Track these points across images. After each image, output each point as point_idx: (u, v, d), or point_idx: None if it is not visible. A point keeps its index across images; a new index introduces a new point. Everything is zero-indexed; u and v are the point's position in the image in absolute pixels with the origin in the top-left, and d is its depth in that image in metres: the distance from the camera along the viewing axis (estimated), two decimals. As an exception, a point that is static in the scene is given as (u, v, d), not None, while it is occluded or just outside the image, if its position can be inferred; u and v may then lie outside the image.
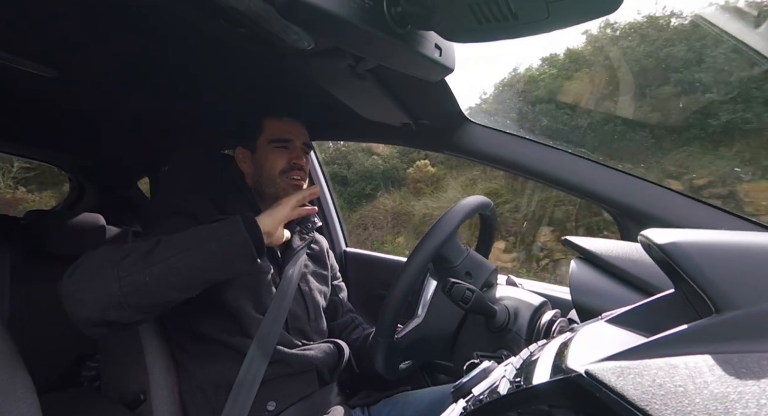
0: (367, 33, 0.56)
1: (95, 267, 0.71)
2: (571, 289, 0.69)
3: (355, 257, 1.61)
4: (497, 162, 1.05)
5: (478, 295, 0.67)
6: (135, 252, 0.72)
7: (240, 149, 1.04)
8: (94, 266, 0.71)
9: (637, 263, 0.66)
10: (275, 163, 0.99)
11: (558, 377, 0.37)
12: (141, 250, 0.73)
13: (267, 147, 1.01)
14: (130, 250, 0.73)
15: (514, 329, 0.71)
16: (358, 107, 1.09)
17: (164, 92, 1.24)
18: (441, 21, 0.56)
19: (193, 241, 0.75)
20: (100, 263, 0.72)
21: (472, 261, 0.81)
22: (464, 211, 0.77)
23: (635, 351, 0.32)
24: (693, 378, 0.27)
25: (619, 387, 0.29)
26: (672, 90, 6.26)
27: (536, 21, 0.49)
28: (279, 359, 0.90)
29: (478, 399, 0.45)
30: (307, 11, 0.51)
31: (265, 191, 1.01)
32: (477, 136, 1.06)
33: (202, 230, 0.77)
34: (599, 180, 0.94)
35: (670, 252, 0.36)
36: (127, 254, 0.72)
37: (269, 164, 1.00)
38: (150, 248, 0.73)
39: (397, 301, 0.70)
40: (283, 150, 1.00)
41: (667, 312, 0.40)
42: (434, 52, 0.65)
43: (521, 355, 0.48)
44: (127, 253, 0.72)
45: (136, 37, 0.91)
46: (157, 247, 0.73)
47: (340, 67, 0.83)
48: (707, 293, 0.33)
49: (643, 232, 0.41)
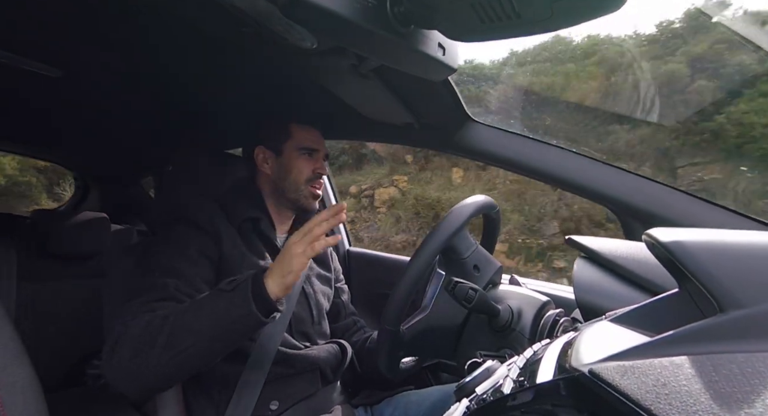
0: (370, 32, 0.56)
1: (132, 355, 0.72)
2: (575, 288, 0.68)
3: (358, 256, 1.61)
4: (501, 161, 1.05)
5: (482, 294, 0.67)
6: (163, 331, 0.72)
7: (262, 149, 1.04)
8: (130, 353, 0.72)
9: (641, 262, 0.66)
10: (302, 171, 1.01)
11: (562, 376, 0.37)
12: (166, 331, 0.72)
13: (294, 153, 1.01)
14: (158, 334, 0.72)
15: (518, 328, 0.71)
16: (361, 107, 1.09)
17: (168, 91, 1.24)
18: (444, 20, 0.56)
19: (206, 329, 0.73)
20: (136, 349, 0.72)
21: (481, 255, 0.81)
22: (476, 205, 0.77)
23: (639, 351, 0.32)
24: (698, 378, 0.27)
25: (623, 387, 0.29)
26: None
27: (539, 20, 0.49)
28: (282, 359, 0.90)
29: (481, 398, 0.45)
30: (310, 11, 0.51)
31: (285, 195, 1.02)
32: (480, 135, 1.06)
33: (212, 313, 0.73)
34: (603, 179, 0.94)
35: (675, 252, 0.36)
36: (158, 334, 0.72)
37: (296, 171, 1.01)
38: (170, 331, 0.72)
39: (406, 290, 0.69)
40: (309, 158, 1.02)
41: (671, 312, 0.40)
42: (437, 51, 0.65)
43: (525, 355, 0.48)
44: (158, 333, 0.72)
45: (140, 37, 0.91)
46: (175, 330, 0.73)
47: (343, 67, 0.83)
48: (712, 292, 0.33)
49: (648, 231, 0.40)
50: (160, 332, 0.72)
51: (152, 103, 1.35)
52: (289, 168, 1.01)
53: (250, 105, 1.26)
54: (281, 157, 1.02)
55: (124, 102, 1.34)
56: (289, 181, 1.01)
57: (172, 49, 0.96)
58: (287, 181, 1.01)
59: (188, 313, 0.73)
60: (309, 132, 1.04)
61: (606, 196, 0.93)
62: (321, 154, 1.04)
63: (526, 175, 1.03)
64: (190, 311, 0.74)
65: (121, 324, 0.75)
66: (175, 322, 0.72)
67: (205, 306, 0.74)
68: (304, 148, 1.02)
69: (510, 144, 1.03)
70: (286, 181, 1.01)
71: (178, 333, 0.71)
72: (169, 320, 0.73)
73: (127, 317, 0.76)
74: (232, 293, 0.73)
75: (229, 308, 0.72)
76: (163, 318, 0.73)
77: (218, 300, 0.73)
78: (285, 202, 1.02)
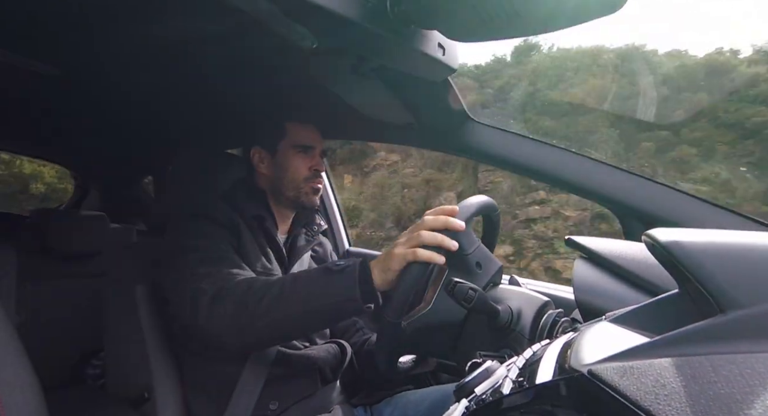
0: (370, 32, 0.56)
1: (235, 310, 0.75)
2: (575, 289, 0.68)
3: (358, 256, 1.61)
4: (501, 162, 1.05)
5: (481, 295, 0.67)
6: (269, 293, 0.75)
7: (258, 149, 1.04)
8: (233, 307, 0.75)
9: (641, 263, 0.66)
10: (299, 169, 1.01)
11: (561, 377, 0.37)
12: (272, 293, 0.75)
13: (290, 151, 1.01)
14: (264, 291, 0.75)
15: (517, 329, 0.71)
16: (361, 106, 1.09)
17: (168, 92, 1.24)
18: (444, 20, 0.56)
19: (309, 301, 0.74)
20: (241, 303, 0.75)
21: (483, 253, 0.81)
22: (480, 203, 0.77)
23: (639, 351, 0.32)
24: (697, 379, 0.27)
25: (622, 387, 0.29)
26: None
27: (540, 21, 0.49)
28: (282, 359, 0.90)
29: (480, 398, 0.45)
30: (311, 11, 0.51)
31: (284, 193, 1.02)
32: (480, 135, 1.06)
33: (317, 288, 0.75)
34: (602, 179, 0.94)
35: (675, 252, 0.36)
36: (263, 295, 0.75)
37: (293, 169, 1.01)
38: (278, 293, 0.75)
39: (409, 284, 0.68)
40: (305, 155, 1.02)
41: (671, 312, 0.40)
42: (437, 51, 0.65)
43: (524, 355, 0.48)
44: (263, 294, 0.75)
45: (139, 37, 0.91)
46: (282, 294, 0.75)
47: (343, 67, 0.83)
48: (712, 293, 0.33)
49: (648, 232, 0.40)
50: (265, 293, 0.74)
51: (152, 103, 1.35)
52: (286, 166, 1.01)
53: (250, 104, 1.26)
54: (277, 156, 1.02)
55: (124, 101, 1.34)
56: (287, 180, 1.01)
57: (172, 49, 0.96)
58: (285, 180, 1.01)
59: (296, 282, 0.75)
60: (305, 129, 1.04)
61: (606, 197, 0.93)
62: (317, 150, 1.04)
63: (526, 175, 1.03)
64: (298, 281, 0.75)
65: (210, 284, 0.78)
66: (283, 286, 0.75)
67: (312, 282, 0.75)
68: (300, 145, 1.01)
69: (510, 144, 1.03)
70: (284, 179, 1.01)
71: (283, 297, 0.73)
72: (275, 284, 0.75)
73: (208, 279, 0.79)
74: (340, 274, 0.73)
75: (334, 289, 0.72)
76: (266, 282, 0.76)
77: (326, 278, 0.74)
78: (284, 200, 1.02)
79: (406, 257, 0.68)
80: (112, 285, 1.03)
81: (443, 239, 0.68)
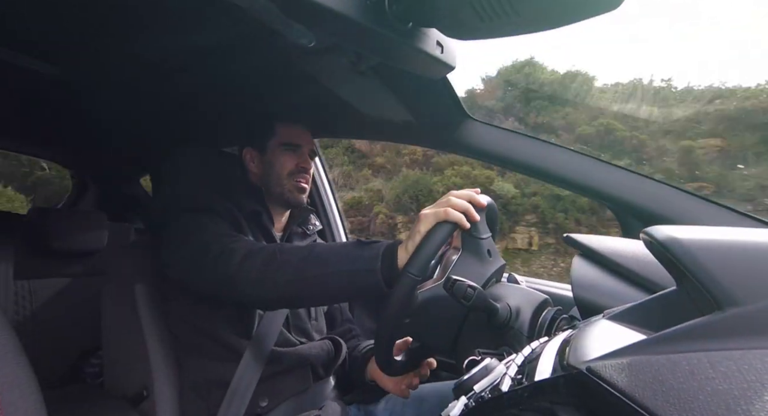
0: (368, 30, 0.56)
1: (265, 258, 0.78)
2: (573, 286, 0.69)
3: None
4: (498, 160, 1.05)
5: (480, 293, 0.67)
6: (298, 254, 0.78)
7: (248, 149, 1.07)
8: (263, 256, 0.79)
9: (639, 260, 0.66)
10: (285, 165, 1.03)
11: (560, 374, 0.37)
12: (301, 254, 0.78)
13: (278, 149, 1.04)
14: (293, 252, 0.78)
15: (516, 326, 0.71)
16: (360, 104, 1.09)
17: (165, 90, 1.24)
18: (443, 18, 0.56)
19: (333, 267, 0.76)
20: (269, 260, 0.78)
21: (493, 245, 0.81)
22: (488, 197, 0.78)
23: (637, 348, 0.32)
24: (695, 375, 0.27)
25: (621, 384, 0.29)
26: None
27: (538, 19, 0.49)
28: (275, 357, 0.91)
29: (479, 396, 0.45)
30: (309, 8, 0.51)
31: (271, 190, 1.03)
32: (478, 133, 1.06)
33: (343, 256, 0.76)
34: (600, 177, 0.94)
35: (672, 249, 0.36)
36: (291, 255, 0.78)
37: (279, 165, 1.03)
38: (306, 254, 0.78)
39: (437, 241, 0.69)
40: (293, 153, 1.04)
41: (669, 309, 0.40)
42: (436, 49, 0.65)
43: (523, 352, 0.48)
44: (291, 254, 0.78)
45: (137, 34, 0.91)
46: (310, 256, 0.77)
47: (341, 64, 0.83)
48: (709, 290, 0.33)
49: (646, 229, 0.41)
50: (294, 254, 0.77)
51: (149, 101, 1.34)
52: (273, 164, 1.04)
53: (247, 103, 1.25)
54: (266, 155, 1.05)
55: (122, 99, 1.33)
56: (273, 176, 1.03)
57: (169, 47, 0.96)
58: (271, 177, 1.03)
59: (325, 247, 0.78)
60: (294, 129, 1.06)
61: (604, 194, 0.93)
62: (305, 149, 1.06)
63: (524, 173, 1.03)
64: (326, 246, 0.79)
65: (240, 245, 0.81)
66: (312, 249, 0.78)
67: (340, 248, 0.77)
68: (287, 143, 1.04)
69: (508, 142, 1.03)
70: (270, 176, 1.03)
71: (311, 258, 0.76)
72: (305, 248, 0.79)
73: (235, 241, 0.83)
74: (367, 246, 0.75)
75: (358, 257, 0.74)
76: (295, 246, 0.82)
77: (353, 248, 0.76)
78: (272, 198, 1.04)
79: (437, 215, 0.70)
80: (111, 283, 1.03)
81: (470, 207, 0.71)
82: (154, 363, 0.94)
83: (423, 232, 0.70)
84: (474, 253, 0.76)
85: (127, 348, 0.98)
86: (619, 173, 0.93)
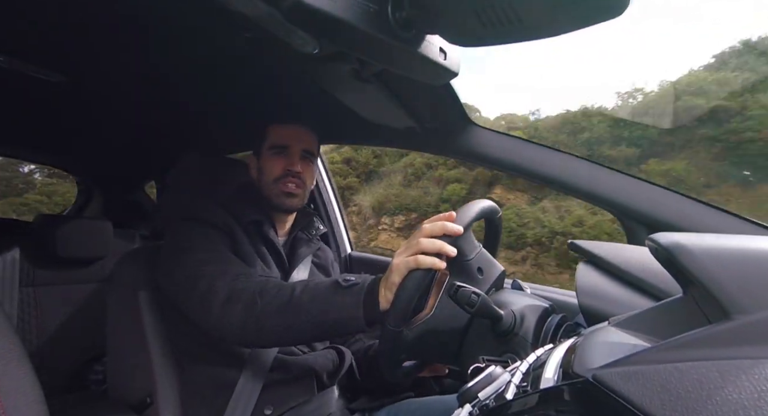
0: (371, 37, 0.56)
1: (246, 303, 0.76)
2: (578, 293, 0.68)
3: (361, 260, 1.61)
4: (502, 165, 1.04)
5: (484, 299, 0.67)
6: (278, 299, 0.76)
7: (251, 156, 1.07)
8: (244, 301, 0.77)
9: (644, 267, 0.65)
10: (272, 170, 1.00)
11: (565, 382, 0.37)
12: (282, 300, 0.76)
13: (267, 153, 1.02)
14: (274, 296, 0.76)
15: (521, 333, 0.70)
16: (363, 111, 1.10)
17: (171, 97, 1.25)
18: (446, 25, 0.56)
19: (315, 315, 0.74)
20: (251, 304, 0.76)
21: (484, 258, 0.80)
22: (479, 209, 0.77)
23: (644, 356, 0.32)
24: (704, 384, 0.27)
25: (627, 393, 0.29)
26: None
27: (541, 25, 0.49)
28: (278, 365, 0.90)
29: (484, 403, 0.45)
30: (312, 15, 0.51)
31: (263, 195, 1.02)
32: (481, 139, 1.06)
33: (325, 303, 0.74)
34: (605, 183, 0.93)
35: (679, 256, 0.36)
36: (272, 300, 0.76)
37: (267, 170, 1.01)
38: (287, 300, 0.76)
39: (410, 291, 0.67)
40: (280, 156, 1.01)
41: (675, 317, 0.39)
42: (439, 55, 0.65)
43: (528, 360, 0.48)
44: (272, 299, 0.76)
45: (143, 43, 0.92)
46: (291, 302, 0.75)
47: (344, 71, 0.83)
48: (717, 297, 0.33)
49: (651, 236, 0.40)
50: (275, 299, 0.75)
51: (155, 108, 1.35)
52: (263, 169, 1.02)
53: (251, 109, 1.26)
54: (260, 160, 1.03)
55: (127, 107, 1.35)
56: (263, 182, 1.02)
57: (175, 55, 0.97)
58: (262, 182, 1.02)
59: (305, 292, 0.75)
60: (284, 129, 1.03)
61: (608, 200, 0.92)
62: (295, 149, 1.02)
63: (528, 178, 1.03)
64: (306, 291, 0.75)
65: (223, 285, 0.79)
66: (292, 294, 0.75)
67: (320, 294, 0.74)
68: (274, 146, 1.01)
69: (512, 148, 1.03)
70: (261, 182, 1.02)
71: (291, 305, 0.74)
72: (285, 291, 0.76)
73: (221, 280, 0.80)
74: (348, 291, 0.73)
75: (339, 305, 0.72)
76: (277, 287, 0.77)
77: (333, 293, 0.74)
78: (269, 204, 1.02)
79: (407, 265, 0.66)
80: (115, 290, 1.03)
81: (442, 245, 0.67)
82: (158, 369, 0.94)
83: (397, 282, 0.67)
84: (461, 276, 0.75)
85: (131, 355, 0.97)
86: (623, 179, 0.93)
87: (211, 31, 0.84)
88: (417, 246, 0.67)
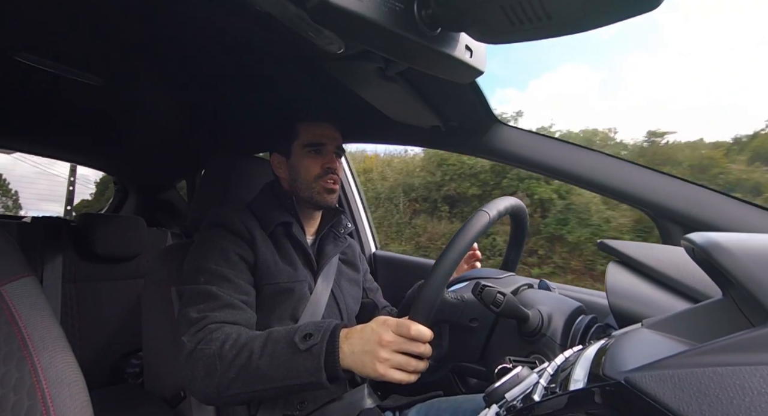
0: (397, 36, 0.56)
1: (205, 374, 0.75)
2: (609, 294, 0.66)
3: (385, 260, 1.62)
4: (529, 164, 1.03)
5: (510, 299, 0.66)
6: (238, 360, 0.74)
7: (275, 155, 1.07)
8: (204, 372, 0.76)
9: (679, 268, 0.63)
10: (310, 169, 1.01)
11: (596, 384, 0.36)
12: (240, 362, 0.74)
13: (301, 152, 1.02)
14: (234, 357, 0.75)
15: (548, 334, 0.69)
16: (387, 109, 1.10)
17: (202, 98, 1.28)
18: (473, 23, 0.56)
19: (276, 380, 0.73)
20: (210, 370, 0.75)
21: (474, 307, 0.79)
22: (504, 205, 0.75)
23: (680, 359, 0.31)
24: (746, 390, 0.26)
25: (662, 396, 0.28)
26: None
27: (571, 21, 0.47)
28: None
29: (511, 404, 0.44)
30: (339, 15, 0.52)
31: (300, 195, 1.03)
32: (508, 137, 1.05)
33: (284, 368, 0.73)
34: (637, 181, 0.90)
35: (718, 257, 0.35)
36: (232, 362, 0.75)
37: (304, 169, 1.02)
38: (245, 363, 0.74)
39: (435, 288, 0.66)
40: (317, 155, 1.02)
41: (714, 320, 0.38)
42: (465, 54, 0.64)
43: (556, 361, 0.47)
44: (232, 360, 0.75)
45: (176, 45, 0.95)
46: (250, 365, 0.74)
47: (369, 70, 0.84)
48: (761, 299, 0.31)
49: (687, 236, 0.39)
50: (234, 360, 0.73)
51: (187, 110, 1.40)
52: (298, 168, 1.02)
53: (279, 109, 1.28)
54: (291, 159, 1.04)
55: (162, 109, 1.39)
56: (300, 181, 1.02)
57: (206, 57, 1.00)
58: (298, 182, 1.02)
59: (262, 359, 0.73)
60: (316, 127, 1.03)
61: (641, 199, 0.89)
62: (330, 147, 1.03)
63: (556, 177, 1.01)
64: (264, 357, 0.73)
65: (190, 338, 0.78)
66: (251, 355, 0.73)
67: (278, 357, 0.73)
68: (309, 144, 1.02)
69: (539, 146, 1.01)
70: (297, 181, 1.02)
71: (250, 369, 0.73)
72: (245, 349, 0.74)
73: (192, 329, 0.79)
74: (307, 354, 0.72)
75: (299, 370, 0.71)
76: (237, 344, 0.75)
77: (292, 357, 0.72)
78: (303, 202, 1.03)
79: (377, 372, 0.69)
80: (149, 286, 1.07)
81: (409, 361, 0.69)
82: None
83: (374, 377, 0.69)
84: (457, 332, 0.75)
85: (165, 350, 1.01)
86: (655, 176, 0.89)
87: (241, 32, 0.86)
88: (387, 358, 0.68)
